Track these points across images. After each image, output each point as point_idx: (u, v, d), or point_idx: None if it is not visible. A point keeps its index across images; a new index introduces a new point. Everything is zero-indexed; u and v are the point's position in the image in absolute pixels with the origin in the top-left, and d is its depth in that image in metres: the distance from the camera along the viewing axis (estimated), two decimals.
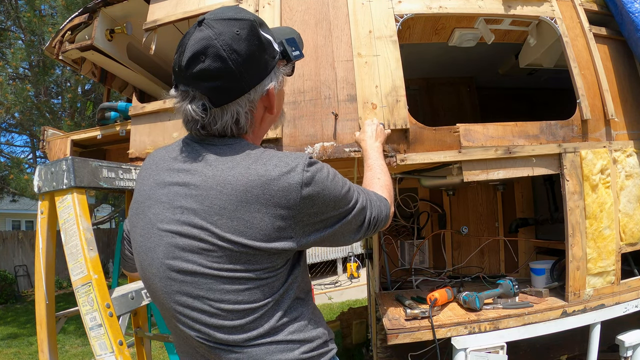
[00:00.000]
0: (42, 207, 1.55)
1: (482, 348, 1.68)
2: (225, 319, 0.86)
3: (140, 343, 2.09)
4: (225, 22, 0.89)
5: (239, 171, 0.85)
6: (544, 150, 1.83)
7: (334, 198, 0.91)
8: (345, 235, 0.98)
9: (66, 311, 1.73)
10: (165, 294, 0.91)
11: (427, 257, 2.67)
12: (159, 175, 0.95)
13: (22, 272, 11.23)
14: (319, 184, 0.87)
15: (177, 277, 0.88)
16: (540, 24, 2.17)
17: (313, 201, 0.87)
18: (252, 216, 0.83)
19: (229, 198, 0.84)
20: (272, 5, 1.91)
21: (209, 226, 0.84)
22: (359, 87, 1.79)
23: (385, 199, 1.14)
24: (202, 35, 0.87)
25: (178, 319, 0.91)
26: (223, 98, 0.90)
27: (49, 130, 2.86)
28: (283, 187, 0.84)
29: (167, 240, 0.89)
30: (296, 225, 0.87)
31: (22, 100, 7.84)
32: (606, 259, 1.85)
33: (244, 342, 0.87)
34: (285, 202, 0.84)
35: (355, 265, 9.77)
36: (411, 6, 1.90)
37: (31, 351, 5.86)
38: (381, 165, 1.41)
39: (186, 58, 0.88)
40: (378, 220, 1.06)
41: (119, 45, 2.59)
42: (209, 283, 0.86)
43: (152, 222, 0.91)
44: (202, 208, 0.85)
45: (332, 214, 0.92)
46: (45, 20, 8.29)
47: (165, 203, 0.91)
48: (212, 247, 0.85)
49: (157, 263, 0.90)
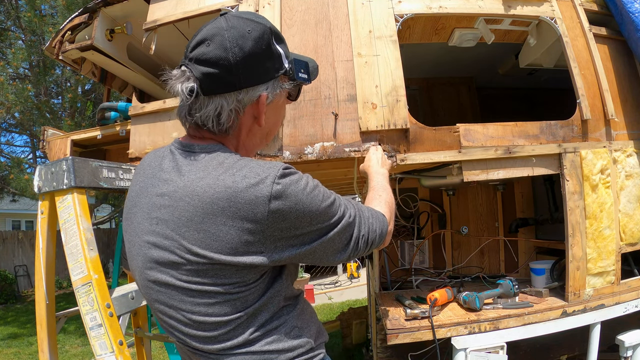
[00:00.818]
0: (42, 207, 1.56)
1: (482, 348, 1.68)
2: (198, 329, 0.87)
3: (140, 343, 2.09)
4: (242, 20, 0.90)
5: (207, 182, 0.83)
6: (544, 150, 1.83)
7: (309, 212, 0.85)
8: (328, 254, 0.91)
9: (66, 311, 1.73)
10: (148, 300, 0.94)
11: (427, 257, 2.67)
12: (145, 183, 0.96)
13: (22, 272, 11.23)
14: (291, 197, 0.82)
15: (154, 287, 0.90)
16: (540, 24, 2.17)
17: (284, 216, 0.82)
18: (218, 229, 0.80)
19: (196, 210, 0.81)
20: (272, 5, 1.91)
21: (178, 238, 0.83)
22: (359, 87, 1.79)
23: (381, 215, 1.07)
24: (217, 24, 0.90)
25: (162, 323, 0.94)
26: (212, 87, 0.88)
27: (49, 130, 2.86)
28: (249, 200, 0.80)
29: (144, 251, 0.90)
30: (266, 240, 0.82)
31: (22, 100, 7.84)
32: (606, 259, 1.85)
33: (218, 351, 0.87)
34: (252, 215, 0.80)
35: (355, 265, 9.76)
36: (411, 6, 1.90)
37: (31, 351, 5.86)
38: (384, 186, 1.31)
39: (195, 40, 0.90)
40: (369, 239, 0.98)
41: (119, 45, 2.59)
42: (180, 295, 0.86)
43: (136, 231, 0.93)
44: (172, 219, 0.84)
45: (308, 229, 0.86)
46: (46, 20, 8.29)
47: (145, 213, 0.91)
48: (180, 260, 0.83)
49: (138, 271, 0.92)
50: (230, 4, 1.96)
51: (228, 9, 0.92)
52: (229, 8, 1.96)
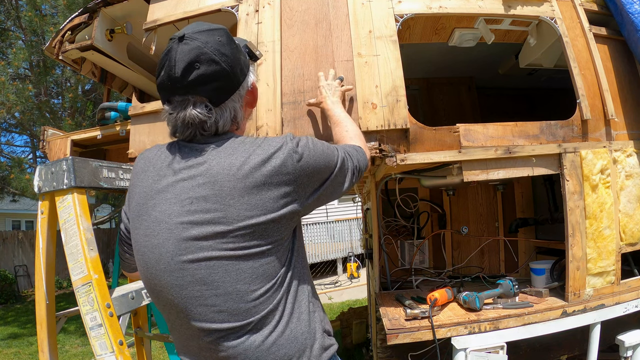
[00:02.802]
0: (43, 207, 1.56)
1: (482, 348, 1.68)
2: (238, 302, 0.91)
3: (140, 343, 2.09)
4: (206, 33, 0.99)
5: (240, 154, 0.94)
6: (544, 150, 1.83)
7: (323, 159, 1.03)
8: (336, 187, 1.10)
9: (66, 311, 1.73)
10: (176, 287, 0.93)
11: (427, 257, 2.67)
12: (160, 176, 0.98)
13: (22, 272, 11.23)
14: (308, 151, 1.00)
15: (190, 268, 0.91)
16: (540, 24, 2.17)
17: (308, 164, 0.98)
18: (261, 192, 0.91)
19: (236, 180, 0.91)
20: (272, 6, 1.91)
21: (222, 208, 0.90)
22: (359, 87, 1.79)
23: (359, 147, 1.26)
24: (191, 46, 0.96)
25: (189, 312, 0.92)
26: (222, 97, 1.00)
27: (49, 130, 2.87)
28: (281, 161, 0.94)
29: (177, 233, 0.92)
30: (299, 188, 0.97)
31: (23, 100, 7.84)
32: (606, 259, 1.85)
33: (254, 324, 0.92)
34: (286, 171, 0.94)
35: (355, 265, 9.77)
36: (411, 6, 1.90)
37: (31, 351, 5.86)
38: (346, 117, 1.52)
39: (180, 69, 0.94)
40: (360, 168, 1.20)
41: (119, 45, 2.60)
42: (224, 265, 0.90)
43: (159, 220, 0.94)
44: (213, 193, 0.91)
45: (323, 173, 1.04)
46: (47, 20, 8.29)
47: (171, 199, 0.94)
48: (227, 229, 0.90)
49: (167, 258, 0.93)
50: (230, 4, 1.96)
51: (182, 32, 1.01)
52: (228, 7, 1.96)
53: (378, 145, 1.75)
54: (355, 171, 1.17)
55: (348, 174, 1.13)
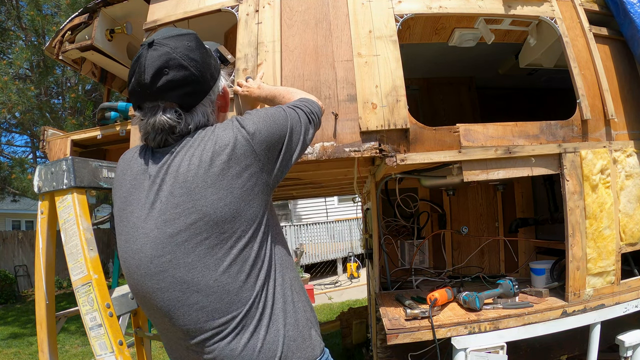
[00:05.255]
0: (42, 207, 1.56)
1: (482, 348, 1.68)
2: (222, 292, 0.91)
3: (140, 343, 2.09)
4: (175, 38, 1.00)
5: (200, 149, 0.95)
6: (544, 150, 1.83)
7: (270, 122, 1.04)
8: (297, 141, 1.09)
9: (66, 311, 1.73)
10: (157, 291, 0.93)
11: (427, 257, 2.66)
12: (137, 180, 1.00)
13: (22, 272, 11.23)
14: (253, 121, 1.01)
15: (169, 268, 0.91)
16: (540, 24, 2.17)
17: (260, 133, 1.00)
18: (225, 177, 0.93)
19: (201, 173, 0.93)
20: (272, 6, 1.91)
21: (191, 201, 0.91)
22: (359, 87, 1.79)
23: (305, 98, 1.26)
24: (159, 52, 0.96)
25: (172, 315, 0.92)
26: (192, 101, 1.01)
27: (49, 130, 2.86)
28: (234, 141, 0.96)
29: (153, 235, 0.92)
30: (260, 159, 0.98)
31: (24, 100, 7.83)
32: (606, 259, 1.85)
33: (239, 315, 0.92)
34: (242, 150, 0.96)
35: (355, 265, 9.77)
36: (411, 6, 1.90)
37: (31, 351, 5.86)
38: (283, 88, 1.51)
39: (149, 75, 0.95)
40: (313, 111, 1.19)
41: (119, 45, 2.60)
42: (202, 257, 0.90)
43: (136, 225, 0.95)
44: (183, 191, 0.93)
45: (278, 134, 1.04)
46: (49, 19, 8.29)
47: (146, 204, 0.95)
48: (198, 217, 0.91)
49: (146, 262, 0.93)
50: (230, 4, 1.96)
51: (151, 39, 1.01)
52: (228, 7, 1.96)
53: (378, 145, 1.75)
54: (311, 115, 1.16)
55: (303, 124, 1.12)
